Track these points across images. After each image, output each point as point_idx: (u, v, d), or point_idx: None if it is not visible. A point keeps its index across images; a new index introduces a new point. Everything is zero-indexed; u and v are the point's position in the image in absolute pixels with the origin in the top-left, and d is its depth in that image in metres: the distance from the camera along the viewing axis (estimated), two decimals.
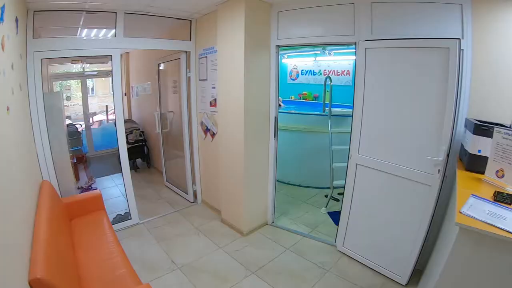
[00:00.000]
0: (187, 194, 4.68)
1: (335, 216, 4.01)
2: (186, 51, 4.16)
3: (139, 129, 6.27)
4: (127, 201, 3.87)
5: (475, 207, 1.75)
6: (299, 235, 3.70)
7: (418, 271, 2.89)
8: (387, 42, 2.70)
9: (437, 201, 2.58)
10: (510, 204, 1.85)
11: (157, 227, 3.84)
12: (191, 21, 4.10)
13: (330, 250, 3.41)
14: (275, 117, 3.63)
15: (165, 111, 5.11)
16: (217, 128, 3.91)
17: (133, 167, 6.07)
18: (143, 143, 6.28)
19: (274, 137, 3.67)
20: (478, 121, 2.34)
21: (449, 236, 1.81)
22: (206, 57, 3.96)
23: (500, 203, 1.85)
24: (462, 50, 2.57)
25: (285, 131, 4.66)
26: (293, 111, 5.54)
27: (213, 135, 4.05)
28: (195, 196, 4.64)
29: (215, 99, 3.88)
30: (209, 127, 4.10)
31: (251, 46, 3.25)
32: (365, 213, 3.08)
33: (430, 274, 2.25)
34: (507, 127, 2.35)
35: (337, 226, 3.43)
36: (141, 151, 6.27)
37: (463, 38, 2.61)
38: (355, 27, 2.95)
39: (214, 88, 3.86)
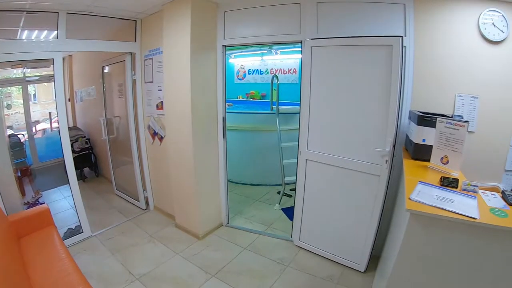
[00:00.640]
0: (138, 201, 4.47)
1: (289, 212, 4.07)
2: (131, 53, 3.98)
3: (84, 137, 5.90)
4: (77, 214, 3.61)
5: (423, 193, 1.82)
6: (255, 234, 3.70)
7: (375, 257, 3.02)
8: (332, 41, 2.78)
9: (387, 190, 2.71)
10: (456, 188, 1.96)
11: (110, 238, 3.64)
12: (136, 21, 3.92)
13: (287, 246, 3.45)
14: (223, 117, 3.58)
15: (111, 116, 4.84)
16: (165, 131, 3.78)
17: (81, 177, 5.70)
18: (90, 151, 5.92)
19: (223, 137, 3.63)
20: (422, 112, 2.48)
21: (401, 222, 1.87)
22: (152, 58, 3.81)
23: (447, 188, 1.96)
24: (405, 46, 2.74)
25: (234, 131, 4.64)
26: (241, 110, 5.56)
27: (161, 138, 3.90)
28: (147, 203, 4.45)
29: (161, 102, 3.74)
30: (156, 131, 3.95)
31: (198, 46, 3.18)
32: (318, 206, 3.15)
33: (387, 259, 2.32)
34: (449, 117, 2.49)
35: (291, 222, 3.48)
36: (88, 160, 5.90)
37: (405, 36, 2.78)
38: (301, 26, 3.01)
39: (160, 90, 3.72)
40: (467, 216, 1.59)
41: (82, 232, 3.64)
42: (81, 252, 3.36)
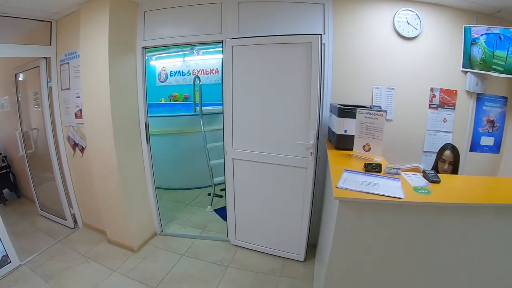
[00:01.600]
0: (65, 220, 4.10)
1: (222, 212, 4.06)
2: (46, 58, 3.62)
3: (0, 154, 5.31)
4: (1, 242, 3.19)
5: (349, 180, 1.89)
6: (191, 239, 3.62)
7: (312, 246, 3.18)
8: (254, 39, 2.81)
9: (315, 181, 2.85)
10: (380, 172, 2.08)
11: (41, 264, 3.29)
12: (51, 22, 3.56)
13: (225, 246, 3.44)
14: (145, 123, 3.42)
15: (28, 129, 4.38)
16: (85, 141, 3.51)
17: (0, 200, 5.10)
18: (8, 170, 5.28)
19: (147, 143, 3.48)
20: (342, 105, 2.61)
21: (332, 210, 1.92)
22: (68, 63, 3.51)
23: (371, 173, 2.06)
24: (324, 44, 2.87)
25: (159, 135, 4.53)
26: (164, 114, 5.40)
27: (82, 149, 3.61)
28: (75, 221, 4.10)
29: (80, 110, 3.46)
30: (77, 142, 3.64)
31: (116, 49, 3.01)
32: (250, 203, 3.19)
33: (323, 246, 2.38)
34: (368, 107, 2.69)
35: (225, 222, 3.47)
36: (6, 180, 5.24)
37: (324, 34, 2.93)
38: (222, 26, 3.01)
39: (79, 97, 3.44)
40: (393, 197, 1.68)
41: (10, 262, 3.23)
42: (13, 284, 3.02)
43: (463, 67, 3.23)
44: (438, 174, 2.14)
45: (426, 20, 3.09)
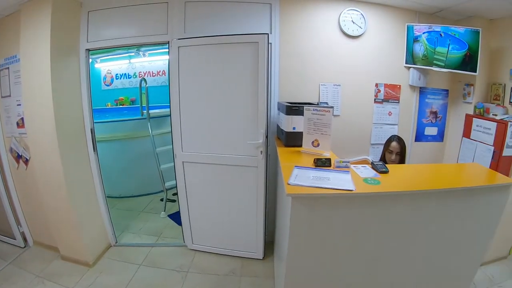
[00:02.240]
0: (14, 239, 3.81)
1: (176, 217, 3.97)
2: None
3: None
4: None
5: (301, 176, 1.90)
6: (148, 247, 3.50)
7: (270, 243, 3.21)
8: (200, 40, 2.77)
9: (267, 179, 2.87)
10: (330, 166, 2.12)
11: None
12: None
13: (182, 252, 3.36)
14: (91, 129, 3.25)
15: None
16: (29, 152, 3.28)
17: None
18: None
19: (94, 150, 3.30)
20: (289, 103, 2.65)
21: (286, 207, 1.93)
22: (8, 68, 3.27)
23: (321, 168, 2.10)
24: (271, 43, 2.90)
25: (106, 142, 4.33)
26: (110, 119, 5.15)
27: (26, 161, 3.36)
28: (25, 239, 3.81)
29: (22, 118, 3.23)
30: (20, 153, 3.40)
31: (59, 51, 2.85)
32: (204, 206, 3.16)
33: (281, 243, 2.38)
34: (315, 104, 2.77)
35: (181, 227, 3.41)
36: None
37: (271, 33, 2.96)
38: (168, 26, 2.95)
39: (20, 105, 3.21)
40: (344, 190, 1.73)
41: None
42: None
43: (406, 63, 3.41)
44: (386, 165, 2.23)
45: (371, 19, 3.21)
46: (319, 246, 1.90)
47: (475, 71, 3.15)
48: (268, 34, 2.61)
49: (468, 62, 3.16)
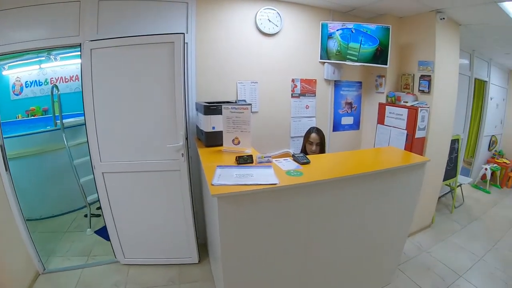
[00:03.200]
0: None
1: (103, 233, 3.61)
2: None
3: None
4: None
5: (224, 176, 1.90)
6: (78, 269, 3.19)
7: (203, 246, 3.20)
8: (114, 41, 2.61)
9: (191, 181, 2.82)
10: (252, 163, 2.15)
11: None
12: None
13: (116, 268, 3.15)
14: (1, 146, 2.82)
15: None
16: None
17: None
18: None
19: (6, 170, 2.85)
20: (207, 103, 2.63)
21: (213, 208, 1.91)
22: None
23: (244, 165, 2.13)
24: (187, 43, 2.87)
25: (18, 158, 3.88)
26: (21, 133, 4.42)
27: None
28: None
29: None
30: None
31: None
32: (131, 217, 2.97)
33: (214, 244, 2.36)
34: (233, 102, 2.78)
35: (110, 242, 3.16)
36: None
37: (187, 33, 2.91)
38: (81, 27, 2.73)
39: None
40: (268, 184, 1.77)
41: None
42: None
43: (321, 59, 3.60)
44: (308, 156, 2.32)
45: (287, 18, 3.32)
46: (251, 242, 1.92)
47: (386, 64, 3.41)
48: (184, 33, 2.55)
49: (379, 56, 3.41)
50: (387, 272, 2.90)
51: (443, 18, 3.29)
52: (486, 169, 6.16)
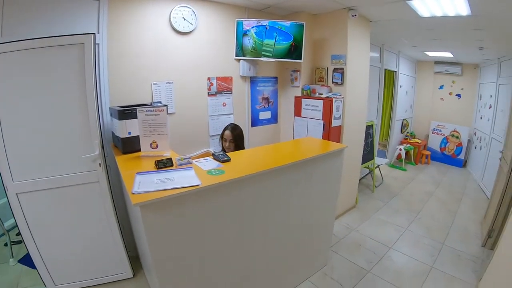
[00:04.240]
0: None
1: (28, 261, 3.16)
2: None
3: None
4: None
5: (144, 183, 1.82)
6: None
7: (135, 258, 3.06)
8: (16, 45, 2.26)
9: (112, 192, 2.65)
10: (172, 166, 2.09)
11: None
12: None
13: None
14: None
15: None
16: None
17: None
18: None
19: None
20: (122, 107, 2.50)
21: (137, 217, 1.84)
22: None
23: (164, 169, 2.06)
24: (98, 44, 2.67)
25: None
26: None
27: None
28: None
29: None
30: None
31: None
32: (56, 238, 2.68)
33: (145, 255, 2.26)
34: (148, 105, 2.66)
35: (36, 270, 2.81)
36: None
37: (99, 33, 2.70)
38: None
39: None
40: (190, 187, 1.73)
41: None
42: None
43: (236, 56, 3.64)
44: (228, 153, 2.32)
45: (202, 16, 3.29)
46: (183, 247, 1.87)
47: (300, 59, 3.57)
48: (94, 34, 2.37)
49: (294, 51, 3.55)
50: (322, 254, 3.08)
51: (355, 15, 3.53)
52: (400, 149, 6.79)
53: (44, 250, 2.68)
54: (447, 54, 6.40)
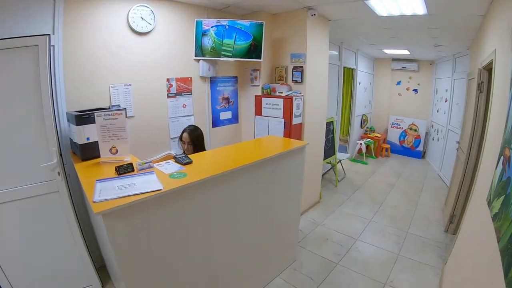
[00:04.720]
0: None
1: None
2: None
3: None
4: None
5: (105, 190, 1.75)
6: None
7: (102, 268, 2.94)
8: None
9: (73, 202, 2.54)
10: (133, 171, 2.04)
11: None
12: None
13: None
14: None
15: None
16: None
17: None
18: None
19: None
20: (79, 111, 2.39)
21: (100, 226, 1.79)
22: None
23: (124, 175, 2.00)
24: (53, 46, 2.54)
25: None
26: None
27: None
28: None
29: None
30: None
31: None
32: (18, 256, 2.48)
33: (112, 264, 2.21)
34: (106, 108, 2.57)
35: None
36: None
37: (54, 34, 2.56)
38: None
39: None
40: (152, 191, 1.70)
41: None
42: None
43: (195, 56, 3.62)
44: (190, 155, 2.32)
45: (160, 15, 3.23)
46: (150, 253, 1.83)
47: (260, 58, 3.61)
48: (49, 35, 2.26)
49: (253, 50, 3.59)
50: (290, 250, 3.15)
51: (314, 15, 3.61)
52: (361, 144, 7.05)
53: (7, 271, 2.47)
54: (404, 52, 6.69)
